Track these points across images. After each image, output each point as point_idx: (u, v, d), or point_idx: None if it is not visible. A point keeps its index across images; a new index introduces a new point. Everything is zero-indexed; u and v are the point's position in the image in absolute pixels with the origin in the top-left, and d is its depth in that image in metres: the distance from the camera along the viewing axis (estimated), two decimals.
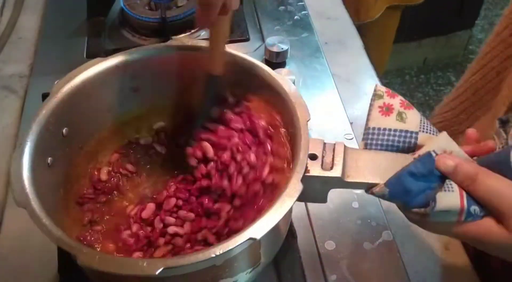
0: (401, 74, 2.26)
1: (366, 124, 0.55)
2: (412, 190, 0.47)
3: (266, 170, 0.54)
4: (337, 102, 0.79)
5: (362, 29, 1.16)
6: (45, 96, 0.57)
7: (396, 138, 0.53)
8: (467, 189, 0.46)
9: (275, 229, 0.47)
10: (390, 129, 0.53)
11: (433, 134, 0.53)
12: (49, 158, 0.54)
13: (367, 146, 0.54)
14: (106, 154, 0.63)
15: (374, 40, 1.43)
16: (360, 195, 0.67)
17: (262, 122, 0.58)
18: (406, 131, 0.53)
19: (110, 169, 0.62)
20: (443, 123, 0.84)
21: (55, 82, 0.57)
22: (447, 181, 0.47)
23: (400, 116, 0.54)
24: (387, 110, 0.54)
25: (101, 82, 0.59)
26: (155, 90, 0.63)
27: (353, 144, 0.73)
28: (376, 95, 0.55)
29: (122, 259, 0.50)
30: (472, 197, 0.45)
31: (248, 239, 0.43)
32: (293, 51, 0.85)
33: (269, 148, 0.56)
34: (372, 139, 0.54)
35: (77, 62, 0.60)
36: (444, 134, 0.51)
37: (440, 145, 0.49)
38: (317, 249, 0.62)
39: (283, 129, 0.56)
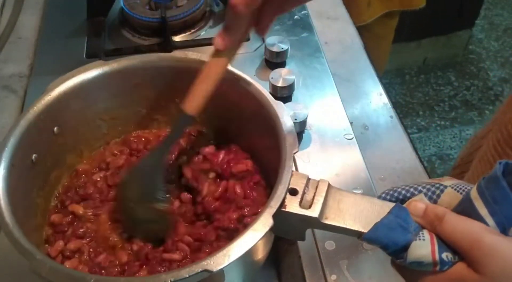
0: (401, 74, 2.26)
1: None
2: (388, 245, 0.44)
3: None
4: (337, 102, 0.79)
5: (361, 30, 1.15)
6: None
7: (423, 184, 0.48)
8: (436, 230, 0.44)
9: (242, 262, 0.44)
10: (422, 183, 0.48)
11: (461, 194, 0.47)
12: (34, 155, 0.53)
13: (382, 196, 0.49)
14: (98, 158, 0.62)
15: (373, 41, 1.43)
16: None
17: None
18: (437, 182, 0.47)
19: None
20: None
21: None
22: (421, 231, 0.44)
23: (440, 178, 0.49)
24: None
25: (100, 86, 0.58)
26: (156, 101, 0.62)
27: (353, 144, 0.74)
28: None
29: (71, 272, 0.47)
30: (443, 240, 0.43)
31: (203, 271, 0.41)
32: (293, 51, 0.85)
33: None
34: (396, 188, 0.49)
35: (77, 62, 0.60)
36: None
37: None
38: (317, 249, 0.62)
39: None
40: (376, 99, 0.82)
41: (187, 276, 0.41)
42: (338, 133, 0.75)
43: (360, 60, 0.88)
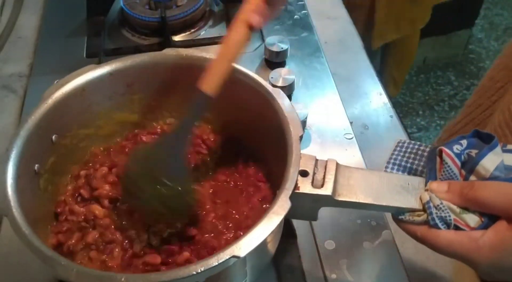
0: None
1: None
2: None
3: None
4: (337, 102, 0.79)
5: (385, 49, 1.17)
6: None
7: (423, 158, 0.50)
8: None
9: (262, 247, 0.45)
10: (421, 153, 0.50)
11: None
12: (36, 165, 0.53)
13: (389, 164, 0.51)
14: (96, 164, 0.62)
15: (394, 60, 1.54)
16: None
17: None
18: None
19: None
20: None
21: (47, 89, 0.56)
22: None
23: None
24: None
25: (94, 90, 0.58)
26: (150, 100, 0.62)
27: (353, 143, 0.74)
28: None
29: (100, 273, 0.47)
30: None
31: (231, 257, 0.42)
32: (293, 50, 0.85)
33: None
34: (401, 152, 0.51)
35: (77, 62, 0.60)
36: None
37: None
38: (317, 249, 0.62)
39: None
40: (376, 99, 0.82)
41: (217, 263, 0.41)
42: (338, 133, 0.75)
43: (360, 60, 0.88)
